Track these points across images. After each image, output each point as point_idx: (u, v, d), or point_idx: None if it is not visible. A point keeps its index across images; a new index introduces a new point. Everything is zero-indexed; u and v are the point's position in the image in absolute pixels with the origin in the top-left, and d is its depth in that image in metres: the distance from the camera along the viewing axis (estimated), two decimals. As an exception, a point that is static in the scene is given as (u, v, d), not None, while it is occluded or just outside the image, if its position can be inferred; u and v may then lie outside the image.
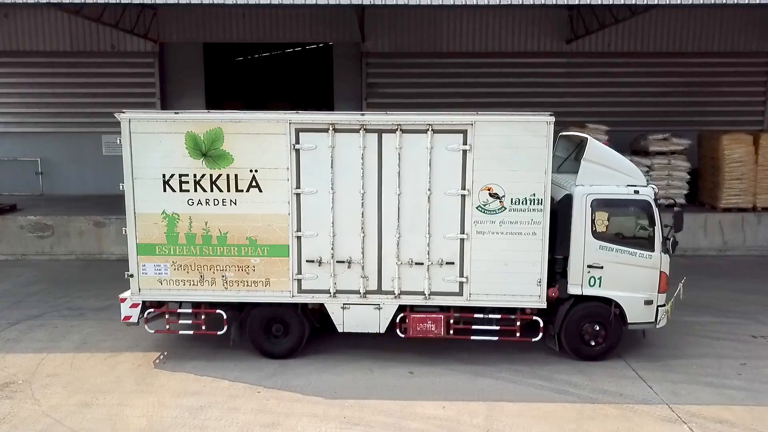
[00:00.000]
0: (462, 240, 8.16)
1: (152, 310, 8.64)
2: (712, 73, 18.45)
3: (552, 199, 8.26)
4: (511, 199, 8.06)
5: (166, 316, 8.68)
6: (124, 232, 8.42)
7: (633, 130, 17.79)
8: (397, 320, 8.42)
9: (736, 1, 10.59)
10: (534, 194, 8.04)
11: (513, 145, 7.98)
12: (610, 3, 10.71)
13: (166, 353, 8.95)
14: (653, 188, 8.70)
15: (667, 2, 10.58)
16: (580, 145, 9.19)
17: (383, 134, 8.08)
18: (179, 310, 8.65)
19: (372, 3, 10.50)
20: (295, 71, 21.40)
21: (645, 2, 10.62)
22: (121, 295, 8.67)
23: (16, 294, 12.06)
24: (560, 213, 8.28)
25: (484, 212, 8.10)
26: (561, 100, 18.58)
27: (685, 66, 18.38)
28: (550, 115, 8.00)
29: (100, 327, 10.05)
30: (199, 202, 8.24)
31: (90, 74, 18.28)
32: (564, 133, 9.99)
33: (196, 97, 19.01)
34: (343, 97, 19.09)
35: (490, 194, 8.08)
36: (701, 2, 10.65)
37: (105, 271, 13.74)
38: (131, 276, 8.45)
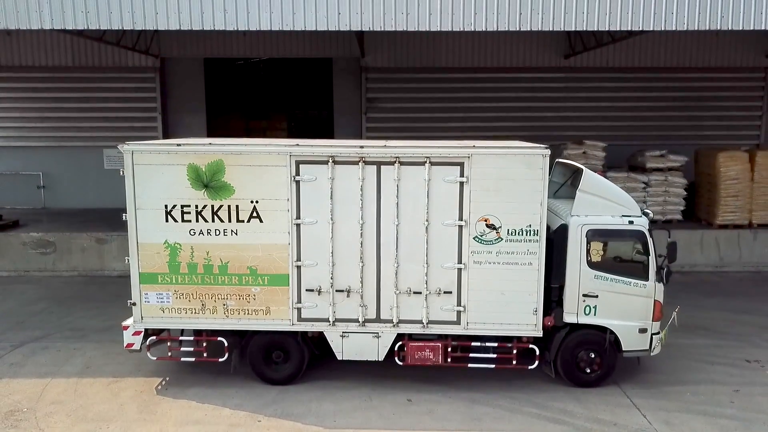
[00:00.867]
0: (459, 270, 8.30)
1: (154, 337, 8.77)
2: (710, 88, 18.61)
3: (548, 227, 8.41)
4: (508, 230, 8.20)
5: (168, 344, 8.81)
6: (126, 262, 8.55)
7: (631, 144, 17.99)
8: (396, 348, 8.55)
9: (730, 27, 10.71)
10: (530, 225, 8.17)
11: (509, 177, 8.12)
12: (606, 29, 10.77)
13: (167, 378, 9.08)
14: (649, 212, 8.88)
15: (663, 28, 10.72)
16: (576, 172, 9.32)
17: (382, 166, 8.22)
18: (181, 338, 8.78)
19: (371, 28, 10.60)
20: (294, 84, 21.54)
21: (641, 28, 10.74)
22: (124, 323, 8.80)
23: (19, 313, 12.20)
24: (556, 242, 8.41)
25: (481, 243, 8.24)
26: (559, 115, 18.78)
27: (683, 81, 18.53)
28: (546, 147, 8.15)
29: (102, 350, 10.17)
30: (201, 233, 8.37)
31: (91, 89, 18.44)
32: (560, 160, 10.12)
33: (197, 110, 19.19)
34: (343, 110, 19.26)
35: (487, 225, 8.21)
36: (695, 27, 10.69)
37: (107, 288, 13.89)
38: (134, 304, 8.59)
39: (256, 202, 8.29)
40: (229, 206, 8.31)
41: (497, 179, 8.13)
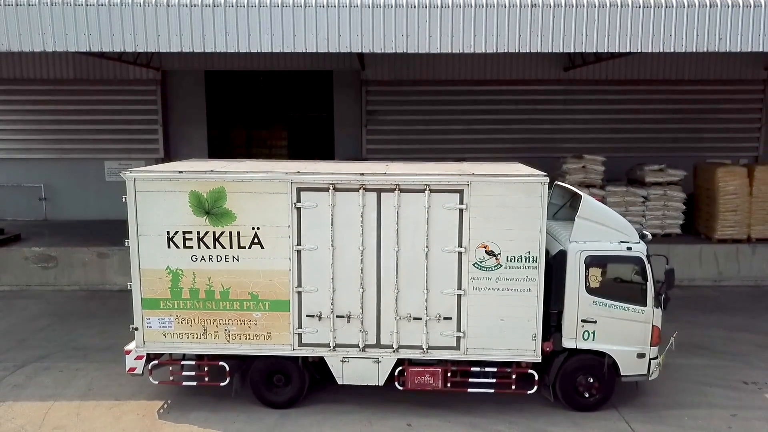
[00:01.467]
0: (459, 296, 8.37)
1: (156, 361, 8.84)
2: (709, 101, 18.68)
3: (547, 251, 8.48)
4: (507, 257, 8.27)
5: (170, 368, 8.87)
6: (129, 286, 8.62)
7: (630, 156, 18.06)
8: (396, 373, 8.62)
9: (728, 49, 10.79)
10: (529, 252, 8.24)
11: (508, 205, 8.19)
12: (605, 50, 10.84)
13: (169, 402, 9.14)
14: (647, 234, 8.98)
15: (673, 50, 10.81)
16: (575, 195, 9.39)
17: (382, 193, 8.29)
18: (183, 362, 8.85)
19: (371, 50, 10.67)
20: (295, 96, 21.57)
21: (639, 50, 10.81)
22: (126, 347, 8.87)
23: (21, 330, 12.27)
24: (555, 268, 8.48)
25: (480, 269, 8.31)
26: (559, 127, 18.86)
27: (682, 93, 18.61)
28: (544, 175, 8.22)
29: (104, 371, 10.22)
30: (203, 258, 8.44)
31: (93, 102, 18.51)
32: (559, 183, 10.19)
33: (198, 122, 19.29)
34: (343, 123, 19.34)
35: (487, 252, 8.28)
36: (693, 49, 10.77)
37: (108, 303, 13.96)
38: (136, 329, 8.65)
39: (258, 228, 8.36)
40: (230, 233, 8.38)
41: (496, 206, 8.19)
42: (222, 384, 8.78)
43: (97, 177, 18.83)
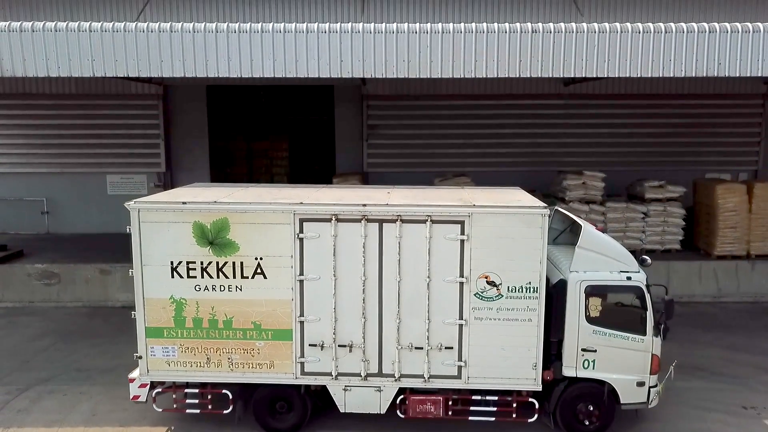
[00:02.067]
0: (461, 326, 8.45)
1: (160, 389, 8.91)
2: (708, 115, 18.74)
3: (547, 279, 8.56)
4: (508, 287, 8.34)
5: (174, 395, 8.95)
6: (132, 316, 8.68)
7: (630, 170, 18.15)
8: (398, 401, 8.70)
9: (727, 74, 10.87)
10: (530, 282, 8.32)
11: (509, 236, 8.26)
12: (604, 75, 10.92)
13: (173, 428, 9.21)
14: (647, 258, 9.11)
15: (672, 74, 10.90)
16: (575, 223, 9.45)
17: (384, 224, 8.36)
18: (186, 390, 8.92)
19: (372, 75, 10.75)
20: (296, 108, 21.66)
21: (639, 75, 10.90)
22: (130, 375, 8.95)
23: (25, 350, 12.34)
24: (555, 297, 8.55)
25: (481, 299, 8.38)
26: (560, 141, 18.92)
27: (682, 108, 18.67)
28: (545, 207, 8.30)
29: (108, 394, 10.29)
30: (206, 288, 8.52)
31: (95, 116, 18.58)
32: (559, 209, 10.26)
33: (200, 136, 19.35)
34: (344, 136, 19.42)
35: (488, 282, 8.36)
36: (692, 74, 10.85)
37: (111, 320, 14.03)
38: (140, 357, 8.73)
39: (261, 258, 8.44)
40: (233, 263, 8.46)
41: (497, 237, 8.27)
42: (225, 411, 8.85)
43: (99, 190, 18.92)
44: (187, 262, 8.49)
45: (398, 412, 8.75)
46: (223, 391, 8.80)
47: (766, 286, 15.47)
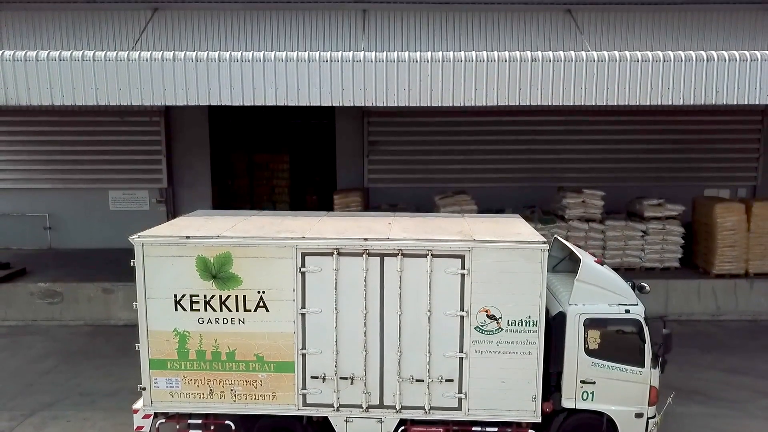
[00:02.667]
0: (461, 359, 8.54)
1: (164, 420, 9.01)
2: (708, 131, 18.85)
3: (547, 310, 8.66)
4: (508, 321, 8.44)
5: (177, 426, 9.05)
6: (137, 348, 8.78)
7: (629, 186, 18.27)
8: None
9: (725, 102, 10.98)
10: (529, 316, 8.42)
11: (509, 270, 8.36)
12: (603, 103, 11.01)
13: (176, 457, 9.32)
14: (645, 285, 9.27)
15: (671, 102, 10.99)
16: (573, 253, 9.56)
17: (385, 258, 8.46)
18: (189, 421, 9.02)
19: (374, 103, 10.85)
20: (297, 123, 21.77)
21: (638, 103, 11.02)
22: (134, 406, 9.04)
23: (27, 373, 12.43)
24: (554, 329, 8.65)
25: (482, 333, 8.48)
26: (559, 157, 19.02)
27: (681, 123, 18.76)
28: (544, 242, 8.39)
29: (111, 420, 10.38)
30: (209, 321, 8.62)
31: (98, 132, 18.69)
32: (558, 238, 10.35)
33: (202, 152, 19.45)
34: (345, 152, 19.52)
35: (488, 316, 8.46)
36: (690, 102, 10.95)
37: (113, 340, 14.13)
38: (144, 389, 8.82)
39: (263, 292, 8.54)
40: (236, 296, 8.56)
41: (497, 272, 8.37)
42: (228, 442, 8.96)
43: (102, 206, 19.05)
44: (191, 296, 8.58)
45: (399, 442, 8.85)
46: (226, 422, 8.90)
47: (765, 304, 15.57)
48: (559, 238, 10.35)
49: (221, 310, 8.59)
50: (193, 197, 19.41)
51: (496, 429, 8.77)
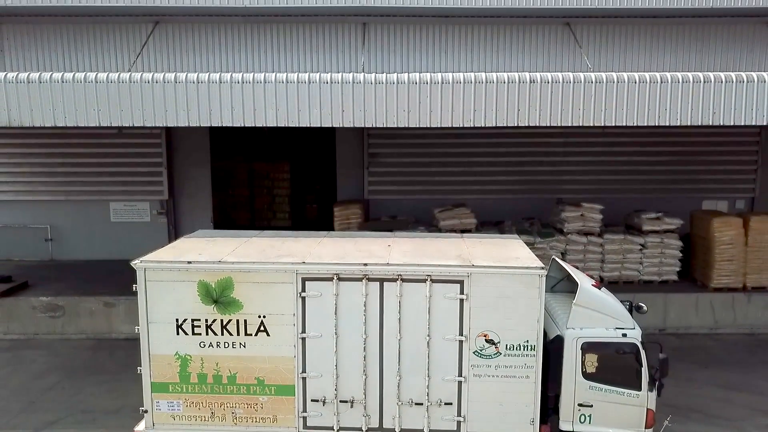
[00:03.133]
0: (460, 382, 8.64)
1: (165, 442, 9.12)
2: (706, 143, 18.91)
3: (545, 333, 8.75)
4: (506, 345, 8.53)
5: (179, 448, 9.15)
6: (138, 371, 8.88)
7: (628, 197, 18.35)
8: (398, 454, 8.90)
9: (722, 123, 11.07)
10: (527, 341, 8.51)
11: (507, 295, 8.46)
12: (602, 124, 11.11)
13: (177, 478, 9.40)
14: (643, 306, 9.56)
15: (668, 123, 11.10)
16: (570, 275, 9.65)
17: (384, 283, 8.56)
18: (191, 443, 9.12)
19: (374, 124, 10.95)
20: (297, 132, 21.84)
21: (635, 123, 11.11)
22: (136, 428, 9.12)
23: (30, 389, 12.53)
24: (552, 353, 8.74)
25: (480, 357, 8.57)
26: (557, 169, 19.12)
27: (680, 136, 18.76)
28: (542, 268, 8.48)
29: (113, 439, 10.52)
30: (211, 345, 8.71)
31: (99, 144, 18.74)
32: (556, 259, 10.44)
33: (202, 163, 19.53)
34: (345, 164, 19.61)
35: (486, 340, 8.55)
36: (687, 122, 11.05)
37: (115, 354, 14.23)
38: (145, 411, 8.92)
39: (264, 316, 8.63)
40: (237, 320, 8.65)
41: (496, 297, 8.46)
42: (229, 463, 9.04)
43: (103, 218, 19.15)
44: (192, 320, 8.68)
45: (398, 465, 8.94)
46: (227, 443, 9.00)
47: (762, 318, 15.67)
48: (557, 259, 10.44)
49: (222, 334, 8.69)
50: (193, 208, 19.52)
51: (494, 451, 8.86)
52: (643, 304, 9.97)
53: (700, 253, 16.32)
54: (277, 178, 24.61)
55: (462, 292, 8.47)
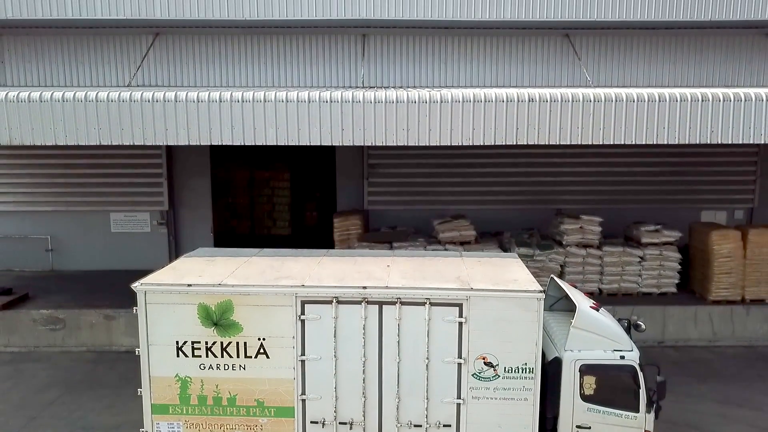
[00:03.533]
0: (458, 404, 8.69)
1: (165, 463, 9.16)
2: (704, 153, 18.89)
3: (543, 354, 8.79)
4: (505, 368, 8.58)
5: (179, 469, 9.19)
6: (139, 393, 8.92)
7: (627, 208, 18.40)
8: (397, 475, 8.94)
9: (719, 141, 11.11)
10: (525, 363, 8.56)
11: (506, 319, 8.50)
12: (600, 143, 11.15)
13: (178, 497, 9.44)
14: (641, 324, 9.47)
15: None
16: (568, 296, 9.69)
17: (384, 306, 8.61)
18: (191, 464, 9.17)
19: (373, 143, 11.00)
20: (298, 148, 21.93)
21: (633, 142, 11.15)
22: (137, 449, 9.19)
23: (31, 405, 12.56)
24: (550, 375, 8.78)
25: (479, 379, 8.62)
26: (556, 179, 19.16)
27: (679, 147, 18.68)
28: (540, 291, 8.53)
29: (114, 458, 10.56)
30: (210, 367, 8.76)
31: (99, 155, 18.72)
32: (555, 279, 10.48)
33: (203, 173, 19.57)
34: (345, 173, 19.66)
35: (485, 363, 8.60)
36: (686, 141, 11.09)
37: (116, 368, 14.25)
38: (146, 433, 8.98)
39: (263, 339, 8.68)
40: (237, 343, 8.70)
41: (495, 320, 8.51)
42: (229, 484, 9.08)
43: (103, 228, 19.17)
44: (192, 342, 8.73)
45: (398, 486, 8.98)
46: (227, 465, 9.04)
47: (761, 330, 15.70)
48: (555, 278, 10.48)
49: (222, 356, 8.74)
50: (194, 218, 19.57)
51: (492, 473, 8.90)
52: (641, 323, 9.99)
53: (699, 265, 16.36)
54: (278, 186, 24.66)
55: (461, 315, 8.52)
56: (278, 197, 24.85)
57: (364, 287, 8.64)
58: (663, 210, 18.31)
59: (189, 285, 8.74)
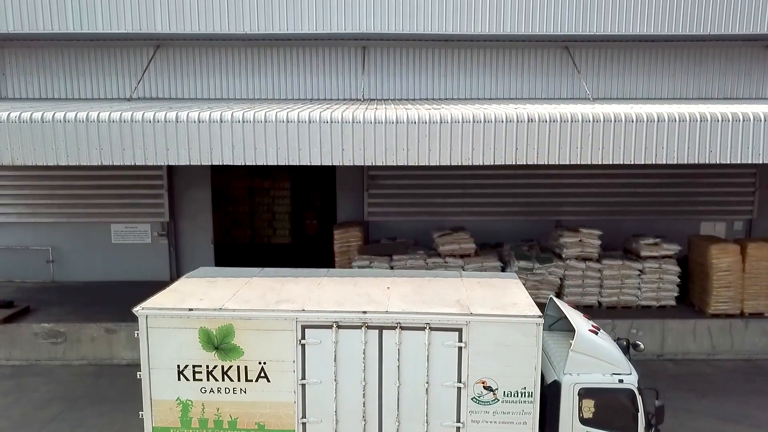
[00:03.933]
0: (458, 428, 8.74)
1: (167, 485, 9.21)
2: (703, 165, 18.80)
3: (542, 376, 8.85)
4: (504, 392, 8.64)
5: (180, 491, 9.24)
6: (140, 416, 8.98)
7: (626, 219, 18.46)
8: (397, 498, 8.99)
9: (718, 161, 11.15)
10: (525, 388, 8.62)
11: (505, 343, 8.56)
12: (599, 162, 11.20)
13: None
14: (639, 344, 9.62)
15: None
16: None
17: (384, 330, 8.67)
18: (192, 486, 9.22)
19: (373, 163, 11.04)
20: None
21: (632, 162, 11.20)
22: (138, 472, 9.24)
23: (32, 421, 12.61)
24: (549, 399, 8.85)
25: (478, 403, 8.68)
26: (556, 191, 19.18)
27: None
28: (539, 316, 8.58)
29: (115, 476, 10.60)
30: (212, 390, 8.83)
31: (100, 167, 18.61)
32: (554, 299, 10.54)
33: (203, 184, 19.55)
34: (345, 185, 19.67)
35: (484, 387, 8.66)
36: (684, 161, 11.14)
37: (117, 382, 14.29)
38: (147, 455, 9.03)
39: (264, 363, 8.75)
40: (238, 367, 8.77)
41: (494, 345, 8.57)
42: (230, 507, 9.13)
43: (104, 240, 19.19)
44: (194, 366, 8.80)
45: None
46: (228, 488, 9.09)
47: (759, 344, 15.74)
48: (554, 299, 10.53)
49: (223, 380, 8.80)
50: (194, 229, 19.60)
51: (492, 495, 8.96)
52: (639, 342, 10.05)
53: (698, 278, 16.41)
54: (278, 195, 24.72)
55: (461, 340, 8.58)
56: (278, 206, 24.92)
57: (365, 312, 8.70)
58: (662, 221, 18.36)
59: (190, 309, 8.80)
